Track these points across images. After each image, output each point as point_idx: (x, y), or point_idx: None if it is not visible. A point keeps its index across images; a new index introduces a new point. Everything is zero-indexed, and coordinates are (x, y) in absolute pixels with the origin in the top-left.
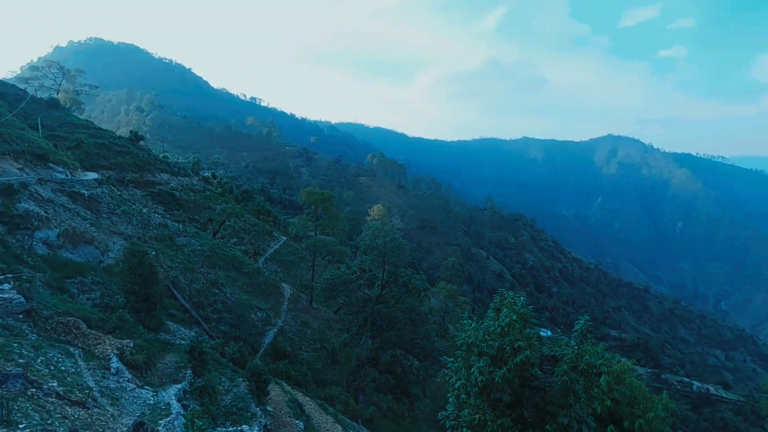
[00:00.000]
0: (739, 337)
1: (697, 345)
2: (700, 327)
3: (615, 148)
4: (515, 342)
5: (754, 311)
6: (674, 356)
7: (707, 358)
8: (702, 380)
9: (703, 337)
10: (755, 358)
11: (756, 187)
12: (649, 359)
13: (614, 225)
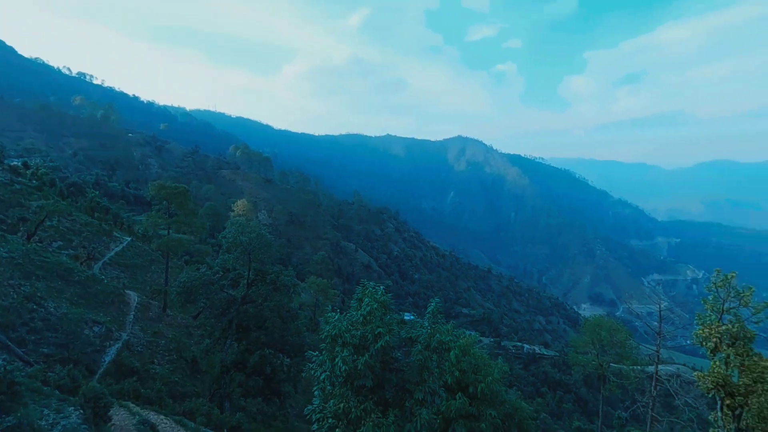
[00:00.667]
0: (555, 305)
1: (527, 314)
2: (528, 299)
3: (464, 148)
4: (376, 329)
5: (564, 283)
6: (510, 325)
7: (534, 323)
8: (530, 343)
9: (530, 306)
10: (566, 320)
11: (565, 183)
12: (492, 330)
13: (464, 216)
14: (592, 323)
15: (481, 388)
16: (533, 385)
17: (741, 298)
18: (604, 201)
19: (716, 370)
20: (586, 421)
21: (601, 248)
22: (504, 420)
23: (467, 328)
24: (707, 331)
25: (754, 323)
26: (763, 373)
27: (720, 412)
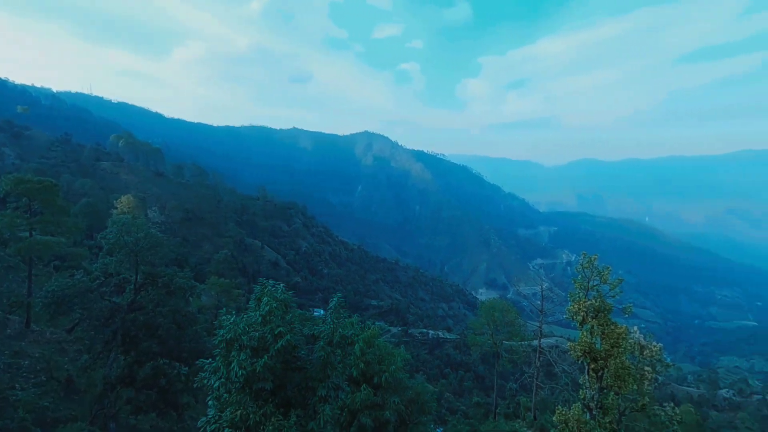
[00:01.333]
0: (456, 291)
1: (431, 301)
2: (432, 287)
3: (371, 143)
4: (276, 329)
5: (464, 271)
6: (416, 313)
7: (437, 310)
8: (434, 329)
9: (434, 294)
10: (466, 305)
11: (464, 178)
12: (400, 319)
13: (372, 210)
14: (487, 306)
15: (385, 378)
16: (438, 367)
17: (601, 277)
18: (496, 195)
19: (583, 340)
20: (484, 396)
21: (495, 238)
22: (407, 405)
23: (376, 320)
24: (576, 307)
25: (611, 297)
26: (618, 339)
27: (587, 375)
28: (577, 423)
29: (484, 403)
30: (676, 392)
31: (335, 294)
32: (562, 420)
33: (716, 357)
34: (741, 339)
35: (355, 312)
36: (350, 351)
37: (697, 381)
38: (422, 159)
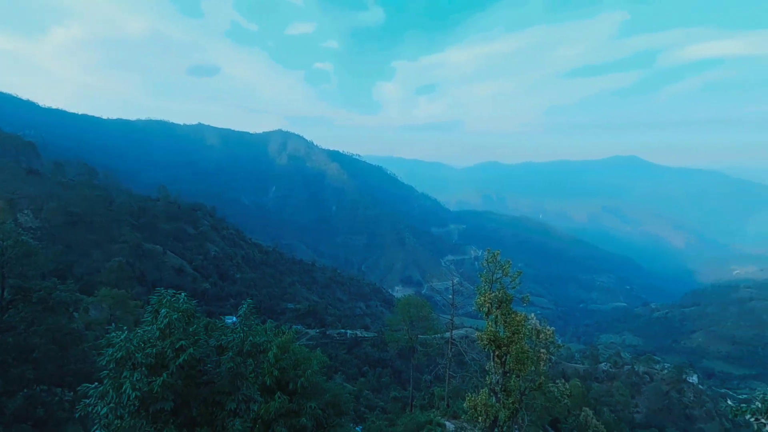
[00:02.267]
0: (373, 290)
1: (349, 301)
2: (350, 287)
3: (285, 142)
4: (177, 342)
5: (381, 269)
6: (334, 314)
7: (356, 309)
8: (352, 328)
9: (352, 294)
10: (383, 303)
11: (379, 178)
12: (318, 321)
13: (287, 210)
14: (403, 303)
15: (301, 383)
16: (356, 366)
17: (503, 270)
18: (411, 195)
19: (489, 329)
20: (401, 390)
21: (409, 236)
22: (325, 408)
23: (293, 323)
24: (482, 299)
25: (512, 288)
26: (519, 326)
27: (492, 361)
28: (485, 407)
29: (401, 397)
30: (566, 369)
31: (245, 300)
32: (471, 405)
33: (597, 335)
34: (615, 318)
35: (272, 316)
36: (263, 359)
37: (583, 357)
38: (338, 159)
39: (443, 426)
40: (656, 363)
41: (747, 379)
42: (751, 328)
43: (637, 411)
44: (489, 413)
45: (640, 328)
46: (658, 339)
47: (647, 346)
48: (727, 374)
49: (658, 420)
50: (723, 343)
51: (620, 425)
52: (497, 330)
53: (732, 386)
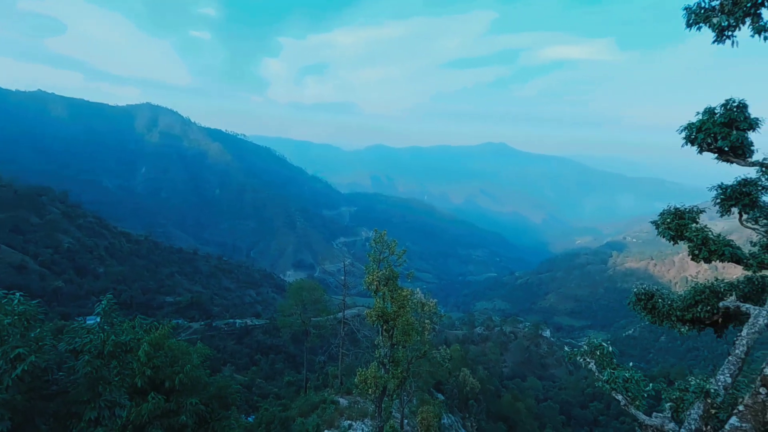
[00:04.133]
0: (264, 276)
1: (237, 289)
2: (238, 275)
3: (155, 117)
4: (13, 351)
5: (272, 254)
6: (221, 304)
7: (245, 298)
8: (242, 317)
9: (241, 282)
10: (275, 289)
11: (267, 160)
12: (203, 313)
13: (161, 194)
14: (295, 287)
15: (180, 380)
16: (248, 356)
17: (390, 249)
18: (301, 177)
19: (377, 306)
20: (296, 374)
21: (300, 219)
22: (208, 402)
23: (174, 317)
24: (371, 278)
25: (398, 266)
26: (404, 300)
27: (380, 335)
28: (374, 379)
29: (295, 381)
30: (448, 336)
31: (104, 296)
32: (362, 379)
33: (473, 303)
34: (487, 287)
35: (147, 312)
36: (131, 359)
37: (462, 324)
38: (221, 138)
39: (337, 403)
40: (520, 323)
41: (585, 329)
42: (588, 288)
43: (505, 366)
44: (378, 385)
45: (508, 294)
46: (521, 302)
47: (513, 309)
48: (571, 326)
49: (521, 371)
50: (568, 301)
51: (492, 380)
52: (385, 306)
53: (575, 336)
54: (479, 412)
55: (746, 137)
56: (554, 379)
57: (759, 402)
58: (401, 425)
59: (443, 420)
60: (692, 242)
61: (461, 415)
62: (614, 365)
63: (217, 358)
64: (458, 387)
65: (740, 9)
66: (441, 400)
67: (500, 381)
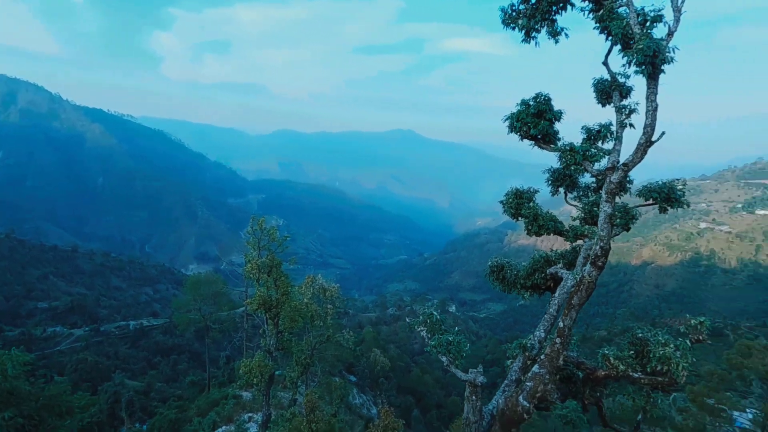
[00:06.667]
0: (162, 272)
1: (130, 288)
2: (131, 271)
3: (15, 93)
4: None
5: (170, 247)
6: (111, 306)
7: (140, 297)
8: (137, 318)
9: (134, 280)
10: (175, 285)
11: (161, 144)
12: (87, 318)
13: (27, 182)
14: (192, 281)
15: None
16: (145, 359)
17: (270, 236)
18: (202, 163)
19: (259, 294)
20: (201, 372)
21: (203, 209)
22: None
23: (50, 325)
24: (251, 266)
25: (280, 252)
26: (287, 287)
27: (266, 324)
28: (260, 368)
29: (199, 380)
30: (362, 319)
31: None
32: (246, 370)
33: (385, 285)
34: (398, 269)
35: (15, 322)
36: None
37: (375, 306)
38: (102, 119)
39: (240, 397)
40: (428, 301)
41: (486, 302)
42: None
43: (415, 342)
44: (264, 374)
45: (417, 274)
46: (430, 281)
47: (423, 289)
48: (474, 300)
49: None
50: (471, 277)
51: (402, 357)
52: (269, 294)
53: (477, 309)
54: (390, 388)
55: (552, 127)
56: None
57: (555, 350)
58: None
59: (355, 400)
60: (527, 218)
61: (373, 393)
62: (442, 331)
63: (106, 366)
64: (370, 367)
65: (539, 14)
66: (353, 381)
67: (411, 357)
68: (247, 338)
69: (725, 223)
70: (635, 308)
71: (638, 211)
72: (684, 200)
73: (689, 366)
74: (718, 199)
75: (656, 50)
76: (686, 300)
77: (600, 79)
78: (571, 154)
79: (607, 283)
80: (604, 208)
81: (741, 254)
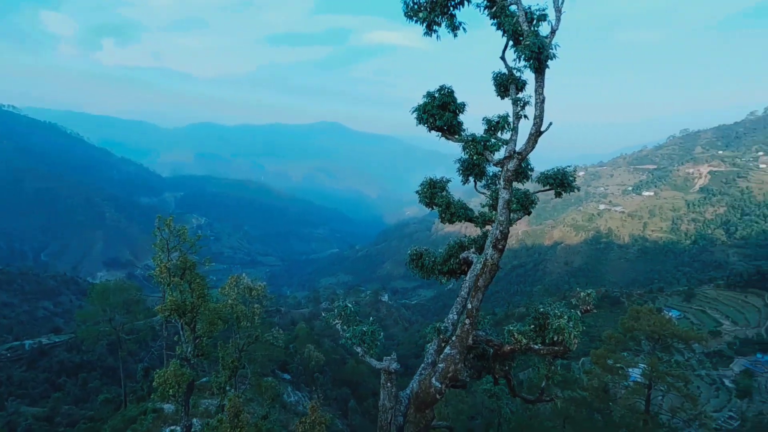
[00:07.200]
0: (63, 282)
1: (23, 304)
2: (23, 285)
3: None
4: None
5: (73, 255)
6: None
7: (37, 312)
8: (33, 336)
9: (28, 294)
10: (80, 296)
11: (55, 139)
12: None
13: None
14: (99, 290)
15: None
16: (47, 381)
17: (180, 236)
18: (107, 159)
19: (171, 299)
20: (116, 388)
21: (111, 210)
22: None
23: None
24: (159, 269)
25: (193, 253)
26: (203, 290)
27: (181, 331)
28: (175, 378)
29: (114, 397)
30: (295, 316)
31: None
32: (161, 381)
33: (318, 280)
34: (331, 263)
35: None
36: None
37: (308, 302)
38: None
39: (160, 410)
40: (362, 292)
41: (417, 289)
42: None
43: None
44: (180, 383)
45: (350, 267)
46: (363, 273)
47: (356, 280)
48: (405, 288)
49: None
50: (402, 267)
51: (337, 350)
52: (183, 298)
53: (408, 296)
54: (325, 382)
55: (456, 118)
56: (393, 338)
57: (464, 331)
58: None
59: (290, 398)
60: (440, 207)
61: (309, 389)
62: (357, 322)
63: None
64: (304, 363)
65: (438, 8)
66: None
67: (346, 349)
68: (168, 347)
69: (619, 204)
70: (549, 284)
71: (537, 197)
72: (575, 185)
73: (580, 334)
74: (613, 183)
75: (541, 47)
76: (590, 274)
77: (499, 72)
78: (473, 145)
79: (525, 263)
80: (502, 194)
81: (632, 231)
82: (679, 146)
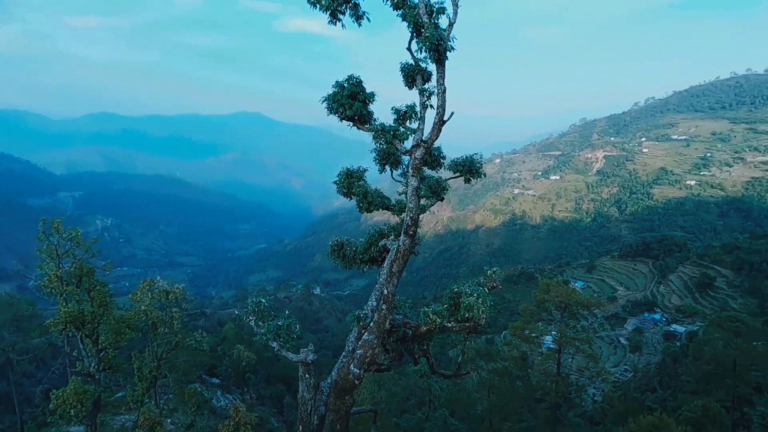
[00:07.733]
0: None
1: None
2: None
3: None
4: None
5: None
6: None
7: None
8: None
9: None
10: None
11: None
12: None
13: None
14: None
15: None
16: None
17: (73, 241)
18: None
19: (65, 310)
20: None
21: None
22: None
23: None
24: (49, 279)
25: (91, 258)
26: (104, 297)
27: (81, 343)
28: (77, 396)
29: (8, 426)
30: (222, 317)
31: None
32: (59, 402)
33: (246, 278)
34: (258, 259)
35: None
36: None
37: (236, 301)
38: None
39: None
40: (293, 287)
41: (349, 279)
42: None
43: None
44: (84, 401)
45: (279, 262)
46: (293, 267)
47: (286, 275)
48: (338, 280)
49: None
50: None
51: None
52: (80, 308)
53: (341, 287)
54: (258, 382)
55: (366, 108)
56: (328, 330)
57: (382, 316)
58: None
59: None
60: (358, 196)
61: (239, 391)
62: (272, 317)
63: None
64: (234, 365)
65: None
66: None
67: None
68: (72, 363)
69: (531, 188)
70: (473, 266)
71: (448, 183)
72: (482, 171)
73: (488, 309)
74: (525, 168)
75: (439, 39)
76: (509, 253)
77: (406, 63)
78: (382, 134)
79: (451, 247)
80: (411, 182)
81: (543, 212)
82: (579, 134)
